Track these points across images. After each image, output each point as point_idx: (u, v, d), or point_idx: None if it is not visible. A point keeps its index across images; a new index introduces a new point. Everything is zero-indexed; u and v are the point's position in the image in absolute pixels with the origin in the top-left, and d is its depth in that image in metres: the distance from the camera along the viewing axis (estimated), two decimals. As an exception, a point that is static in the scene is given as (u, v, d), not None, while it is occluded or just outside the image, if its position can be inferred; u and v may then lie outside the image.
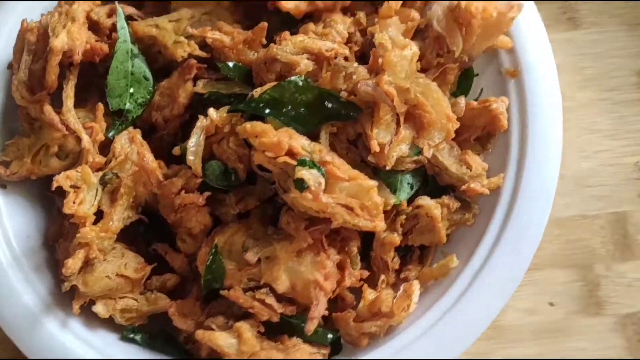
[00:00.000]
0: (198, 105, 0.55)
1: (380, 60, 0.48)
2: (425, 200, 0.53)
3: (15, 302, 0.53)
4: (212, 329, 0.50)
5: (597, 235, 0.70)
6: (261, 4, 0.56)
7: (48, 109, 0.53)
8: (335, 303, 0.53)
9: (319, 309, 0.48)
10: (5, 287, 0.54)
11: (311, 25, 0.54)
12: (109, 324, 0.55)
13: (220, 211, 0.53)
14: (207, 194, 0.51)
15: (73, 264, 0.49)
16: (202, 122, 0.51)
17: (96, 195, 0.52)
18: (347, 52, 0.53)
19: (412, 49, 0.49)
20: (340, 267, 0.51)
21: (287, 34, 0.53)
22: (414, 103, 0.49)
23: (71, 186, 0.51)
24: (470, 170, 0.54)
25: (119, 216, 0.52)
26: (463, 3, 0.49)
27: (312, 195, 0.46)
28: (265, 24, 0.53)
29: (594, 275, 0.70)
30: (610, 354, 0.68)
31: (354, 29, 0.54)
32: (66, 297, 0.54)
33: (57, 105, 0.54)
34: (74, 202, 0.51)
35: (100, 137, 0.54)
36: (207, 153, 0.52)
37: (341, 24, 0.54)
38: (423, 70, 0.52)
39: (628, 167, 0.72)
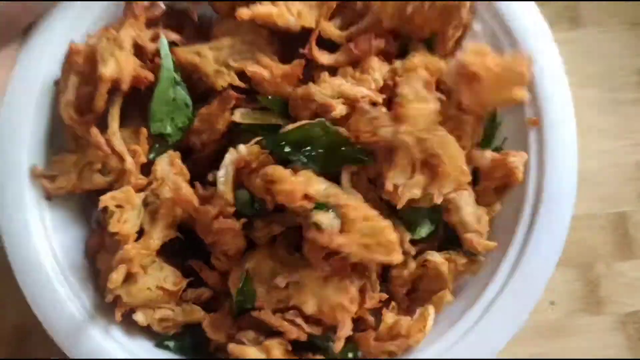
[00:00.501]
0: (235, 131, 0.57)
1: (400, 110, 0.51)
2: (433, 256, 0.57)
3: (61, 311, 0.57)
4: (244, 343, 0.54)
5: (598, 235, 0.71)
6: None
7: (95, 131, 0.55)
8: (357, 324, 0.56)
9: (346, 330, 0.52)
10: (52, 298, 0.57)
11: (350, 70, 0.56)
12: (147, 331, 0.59)
13: (253, 235, 0.56)
14: (243, 220, 0.54)
15: (117, 278, 0.53)
16: (232, 155, 0.55)
17: (139, 215, 0.55)
18: (380, 99, 0.55)
19: (431, 104, 0.52)
20: (361, 290, 0.55)
21: (326, 75, 0.55)
22: (431, 153, 0.51)
23: (116, 206, 0.54)
24: (478, 225, 0.56)
25: (159, 235, 0.55)
26: (466, 60, 0.50)
27: (326, 238, 0.49)
28: (303, 62, 0.55)
29: (595, 275, 0.71)
30: (610, 353, 0.69)
31: (389, 76, 0.56)
32: (107, 306, 0.57)
33: (102, 125, 0.56)
34: (118, 221, 0.54)
35: (143, 159, 0.56)
36: (239, 181, 0.55)
37: (378, 72, 0.56)
38: (445, 119, 0.54)
39: (629, 167, 0.73)
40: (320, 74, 0.56)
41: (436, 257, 0.57)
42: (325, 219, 0.50)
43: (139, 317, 0.56)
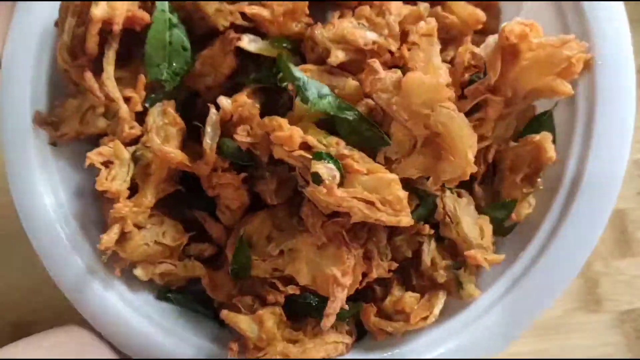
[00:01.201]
0: (243, 66, 0.54)
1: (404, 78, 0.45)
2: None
3: (65, 259, 0.56)
4: (239, 309, 0.52)
5: (597, 232, 0.71)
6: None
7: (88, 75, 0.52)
8: (363, 293, 0.53)
9: (335, 305, 0.47)
10: (57, 246, 0.56)
11: (366, 10, 0.50)
12: (149, 283, 0.57)
13: (259, 188, 0.53)
14: (243, 175, 0.52)
15: (108, 239, 0.51)
16: (212, 116, 0.51)
17: (129, 170, 0.53)
18: (392, 47, 0.49)
19: (441, 76, 0.45)
20: (368, 257, 0.50)
21: (335, 16, 0.51)
22: (434, 131, 0.45)
23: (103, 162, 0.52)
24: (482, 239, 0.51)
25: (152, 191, 0.53)
26: (509, 30, 0.43)
27: (326, 190, 0.44)
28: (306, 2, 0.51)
29: (593, 272, 0.70)
30: (608, 351, 0.69)
31: (412, 20, 0.49)
32: (111, 257, 0.56)
33: (100, 71, 0.53)
34: (106, 179, 0.52)
35: (139, 107, 0.53)
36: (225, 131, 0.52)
37: (395, 16, 0.49)
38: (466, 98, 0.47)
39: (628, 165, 0.72)
40: (334, 14, 0.51)
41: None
42: (324, 169, 0.45)
43: (139, 272, 0.55)
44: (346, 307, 0.48)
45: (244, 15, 0.52)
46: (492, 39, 0.45)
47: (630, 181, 0.72)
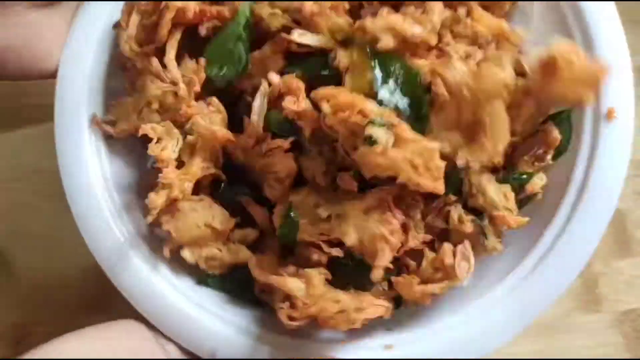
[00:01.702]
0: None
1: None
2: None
3: (107, 237, 0.59)
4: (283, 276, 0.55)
5: (596, 232, 0.71)
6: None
7: (155, 60, 0.58)
8: (397, 268, 0.56)
9: (385, 258, 0.51)
10: (99, 219, 0.59)
11: (412, 9, 0.56)
12: (189, 268, 0.60)
13: (304, 164, 0.57)
14: (291, 139, 0.55)
15: (156, 198, 0.55)
16: (262, 89, 0.56)
17: (177, 143, 0.58)
18: (433, 42, 0.55)
19: (507, 77, 0.51)
20: (404, 229, 0.54)
21: (384, 11, 0.55)
22: (480, 119, 0.51)
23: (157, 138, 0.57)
24: (507, 202, 0.55)
25: (198, 165, 0.57)
26: (555, 52, 0.49)
27: (381, 149, 0.48)
28: None
29: (592, 272, 0.71)
30: (608, 351, 0.69)
31: (452, 23, 0.57)
32: (153, 240, 0.60)
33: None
34: (156, 147, 0.57)
35: (197, 88, 0.58)
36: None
37: (437, 15, 0.55)
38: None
39: (628, 165, 0.72)
40: (382, 8, 0.56)
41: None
42: (380, 132, 0.49)
43: (186, 254, 0.58)
44: (391, 266, 0.52)
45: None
46: (535, 52, 0.51)
47: (629, 181, 0.72)
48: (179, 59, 0.59)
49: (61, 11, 0.60)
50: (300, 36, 0.56)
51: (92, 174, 0.60)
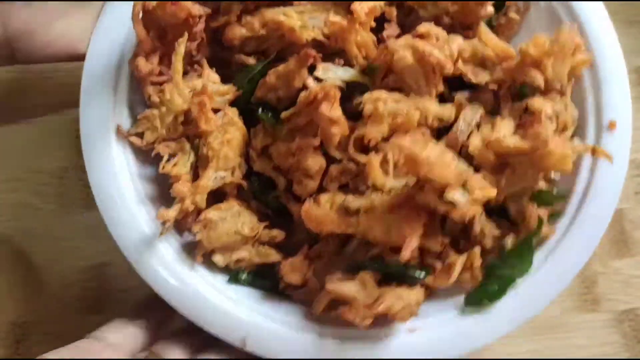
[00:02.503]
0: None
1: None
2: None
3: (133, 227, 0.60)
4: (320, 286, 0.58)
5: (594, 232, 0.71)
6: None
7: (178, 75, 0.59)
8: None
9: (414, 242, 0.53)
10: (127, 212, 0.61)
11: (433, 39, 0.59)
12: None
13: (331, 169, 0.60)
14: (318, 136, 0.58)
15: (167, 214, 0.58)
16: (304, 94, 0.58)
17: (189, 159, 0.61)
18: (449, 68, 0.58)
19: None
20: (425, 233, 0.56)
21: (408, 36, 0.59)
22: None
23: (170, 154, 0.60)
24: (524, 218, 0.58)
25: (209, 178, 0.59)
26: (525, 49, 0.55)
27: (462, 213, 0.51)
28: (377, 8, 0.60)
29: (591, 272, 0.71)
30: (606, 350, 0.69)
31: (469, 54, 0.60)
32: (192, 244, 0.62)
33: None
34: (168, 163, 0.60)
35: (209, 108, 0.59)
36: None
37: (456, 45, 0.59)
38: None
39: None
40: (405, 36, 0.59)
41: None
42: (459, 196, 0.51)
43: (218, 258, 0.60)
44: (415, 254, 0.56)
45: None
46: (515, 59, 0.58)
47: (628, 181, 0.72)
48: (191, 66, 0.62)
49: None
50: (324, 72, 0.59)
51: (120, 177, 0.61)
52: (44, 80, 0.73)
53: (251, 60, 0.63)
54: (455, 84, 0.60)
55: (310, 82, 0.58)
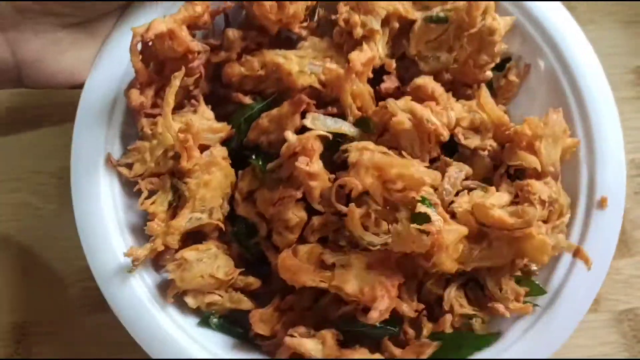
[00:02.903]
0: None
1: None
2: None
3: (111, 259, 0.60)
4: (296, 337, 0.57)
5: (594, 232, 0.71)
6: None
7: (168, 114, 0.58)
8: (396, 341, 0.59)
9: (384, 303, 0.53)
10: (106, 243, 0.61)
11: (433, 104, 0.59)
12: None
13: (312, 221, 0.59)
14: (302, 188, 0.57)
15: (136, 252, 0.58)
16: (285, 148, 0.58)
17: (167, 197, 0.61)
18: (445, 135, 0.58)
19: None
20: (400, 290, 0.57)
21: (408, 98, 0.59)
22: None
23: (149, 189, 0.60)
24: (500, 292, 0.58)
25: (185, 217, 0.59)
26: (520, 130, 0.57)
27: (435, 230, 0.51)
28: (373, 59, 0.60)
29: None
30: (606, 350, 0.70)
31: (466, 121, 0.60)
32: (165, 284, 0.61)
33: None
34: (146, 200, 0.60)
35: (192, 148, 0.59)
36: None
37: (455, 112, 0.59)
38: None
39: (626, 165, 0.73)
40: (406, 97, 0.59)
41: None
42: (431, 212, 0.51)
43: (189, 300, 0.60)
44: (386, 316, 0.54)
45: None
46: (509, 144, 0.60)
47: (627, 181, 0.72)
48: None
49: (91, 31, 0.63)
50: (313, 122, 0.58)
51: (104, 205, 0.61)
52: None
53: (248, 100, 0.63)
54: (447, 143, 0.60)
55: (290, 135, 0.57)
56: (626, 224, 0.72)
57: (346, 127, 0.59)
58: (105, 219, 0.61)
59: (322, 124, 0.59)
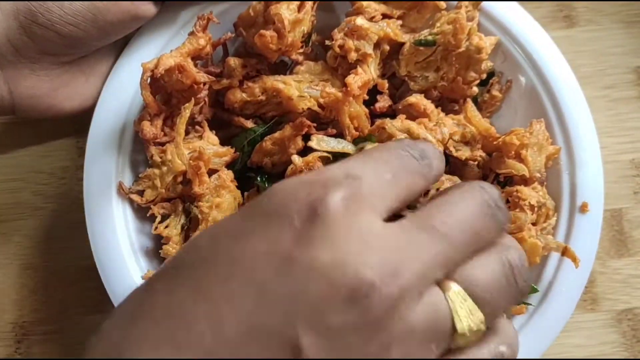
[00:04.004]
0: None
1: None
2: None
3: (126, 279, 0.63)
4: None
5: (593, 232, 0.71)
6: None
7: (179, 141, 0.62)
8: None
9: None
10: (120, 264, 0.63)
11: (426, 121, 0.63)
12: None
13: None
14: None
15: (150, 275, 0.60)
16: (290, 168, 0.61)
17: (179, 221, 0.64)
18: (440, 150, 0.61)
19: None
20: None
21: (403, 116, 0.63)
22: None
23: (162, 214, 0.64)
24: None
25: None
26: (508, 140, 0.62)
27: None
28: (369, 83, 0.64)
29: (590, 272, 0.71)
30: (605, 350, 0.70)
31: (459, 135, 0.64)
32: None
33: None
34: (160, 224, 0.63)
35: (203, 173, 0.63)
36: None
37: (447, 128, 0.63)
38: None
39: (624, 164, 0.73)
40: (401, 115, 0.63)
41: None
42: None
43: None
44: None
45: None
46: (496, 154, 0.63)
47: (626, 181, 0.73)
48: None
49: (84, 68, 0.67)
50: (318, 143, 0.61)
51: (118, 230, 0.64)
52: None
53: (249, 124, 0.66)
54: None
55: (296, 158, 0.60)
56: (625, 223, 0.72)
57: (349, 147, 0.62)
58: (120, 246, 0.63)
59: (327, 144, 0.62)
